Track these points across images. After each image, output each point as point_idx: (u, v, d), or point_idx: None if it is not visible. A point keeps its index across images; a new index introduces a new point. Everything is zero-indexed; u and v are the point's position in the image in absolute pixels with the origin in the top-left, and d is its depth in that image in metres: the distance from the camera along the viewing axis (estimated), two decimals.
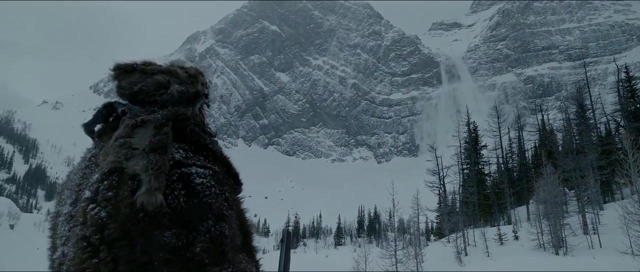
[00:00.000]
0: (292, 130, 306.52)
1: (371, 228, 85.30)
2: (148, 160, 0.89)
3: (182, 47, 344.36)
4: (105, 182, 0.90)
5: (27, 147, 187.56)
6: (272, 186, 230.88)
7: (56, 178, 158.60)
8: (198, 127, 1.07)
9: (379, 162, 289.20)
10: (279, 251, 1.24)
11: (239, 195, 1.09)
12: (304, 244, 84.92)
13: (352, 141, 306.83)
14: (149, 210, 0.84)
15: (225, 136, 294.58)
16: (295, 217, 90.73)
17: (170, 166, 0.92)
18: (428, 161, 35.48)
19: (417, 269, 17.18)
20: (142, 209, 0.84)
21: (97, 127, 1.09)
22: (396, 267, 16.18)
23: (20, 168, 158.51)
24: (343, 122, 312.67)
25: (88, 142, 1.10)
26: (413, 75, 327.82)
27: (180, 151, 0.98)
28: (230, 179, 1.04)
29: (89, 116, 1.12)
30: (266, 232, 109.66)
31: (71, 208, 0.95)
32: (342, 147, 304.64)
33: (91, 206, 0.89)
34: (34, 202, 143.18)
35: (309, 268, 44.24)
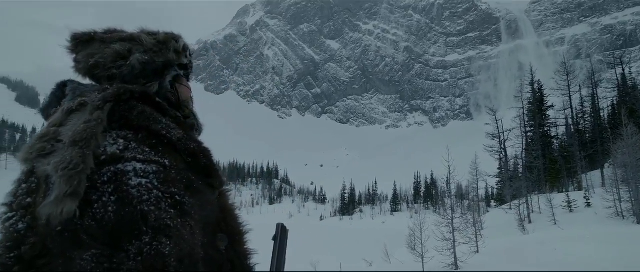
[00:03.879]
0: (345, 98, 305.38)
1: (428, 194, 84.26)
2: (62, 157, 0.69)
3: (233, 22, 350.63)
4: (24, 186, 0.73)
5: None
6: (327, 154, 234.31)
7: None
8: (158, 106, 0.87)
9: (434, 127, 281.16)
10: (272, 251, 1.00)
11: (222, 189, 0.90)
12: (361, 211, 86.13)
13: (407, 106, 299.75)
14: (54, 224, 0.65)
15: (279, 107, 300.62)
16: (351, 184, 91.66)
17: (100, 163, 0.71)
18: (487, 124, 33.64)
19: (476, 236, 16.49)
20: (58, 223, 0.65)
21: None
22: (453, 236, 15.61)
23: None
24: (396, 88, 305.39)
25: None
26: (470, 34, 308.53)
27: (120, 141, 0.76)
28: (192, 174, 0.81)
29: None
30: (323, 200, 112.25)
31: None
32: (396, 113, 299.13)
33: (8, 214, 0.72)
34: None
35: (366, 234, 44.93)
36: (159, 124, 0.82)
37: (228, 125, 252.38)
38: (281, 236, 1.01)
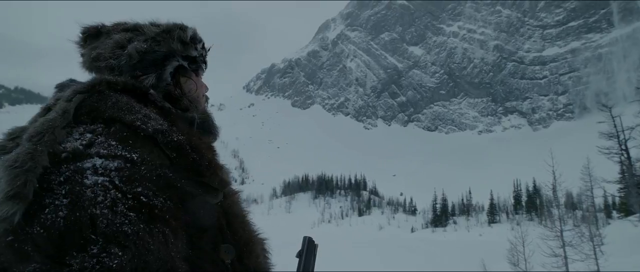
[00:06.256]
0: (432, 105, 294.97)
1: (530, 204, 76.53)
2: (9, 155, 0.60)
3: (315, 38, 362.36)
4: None
5: None
6: (415, 164, 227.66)
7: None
8: (142, 98, 0.77)
9: (534, 130, 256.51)
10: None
11: (226, 190, 0.77)
12: (454, 222, 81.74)
13: (500, 108, 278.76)
14: None
15: (365, 118, 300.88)
16: (442, 194, 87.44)
17: (60, 161, 0.62)
18: (600, 122, 29.52)
19: (595, 252, 14.33)
20: (9, 231, 0.55)
21: None
22: (564, 251, 13.81)
23: None
24: (487, 90, 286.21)
25: None
26: (572, 23, 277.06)
27: (87, 135, 0.66)
28: (175, 172, 0.68)
29: (241, 116, 0.84)
30: (413, 211, 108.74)
31: None
32: (489, 117, 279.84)
33: None
34: None
35: (461, 248, 42.14)
36: (134, 115, 0.71)
37: (315, 139, 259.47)
38: (307, 251, 0.85)
